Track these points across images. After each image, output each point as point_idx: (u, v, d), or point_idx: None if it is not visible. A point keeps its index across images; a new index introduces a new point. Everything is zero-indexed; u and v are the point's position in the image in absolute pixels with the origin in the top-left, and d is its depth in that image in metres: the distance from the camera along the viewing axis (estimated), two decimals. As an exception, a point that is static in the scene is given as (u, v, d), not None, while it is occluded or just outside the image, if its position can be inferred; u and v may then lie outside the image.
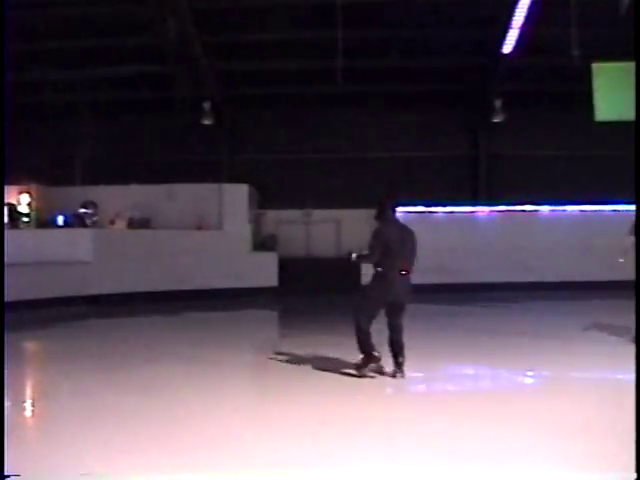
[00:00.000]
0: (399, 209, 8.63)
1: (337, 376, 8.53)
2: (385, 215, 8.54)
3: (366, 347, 8.32)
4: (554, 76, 20.23)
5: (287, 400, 7.54)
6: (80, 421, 6.72)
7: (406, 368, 8.31)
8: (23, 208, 19.39)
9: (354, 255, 8.59)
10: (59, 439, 6.09)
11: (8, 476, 4.49)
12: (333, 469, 5.25)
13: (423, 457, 5.51)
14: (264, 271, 20.14)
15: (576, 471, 5.10)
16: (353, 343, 8.27)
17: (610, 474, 4.93)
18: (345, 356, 9.14)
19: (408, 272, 8.37)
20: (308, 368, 9.09)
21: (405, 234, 8.49)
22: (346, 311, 8.94)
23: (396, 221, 8.57)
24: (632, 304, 7.69)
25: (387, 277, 8.28)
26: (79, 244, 17.42)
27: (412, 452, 5.63)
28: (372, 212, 8.58)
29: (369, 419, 6.77)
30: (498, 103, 21.35)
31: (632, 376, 7.11)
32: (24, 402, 7.90)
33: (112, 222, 19.08)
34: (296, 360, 9.62)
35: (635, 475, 4.24)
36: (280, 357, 9.85)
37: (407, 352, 8.34)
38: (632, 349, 9.21)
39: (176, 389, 8.16)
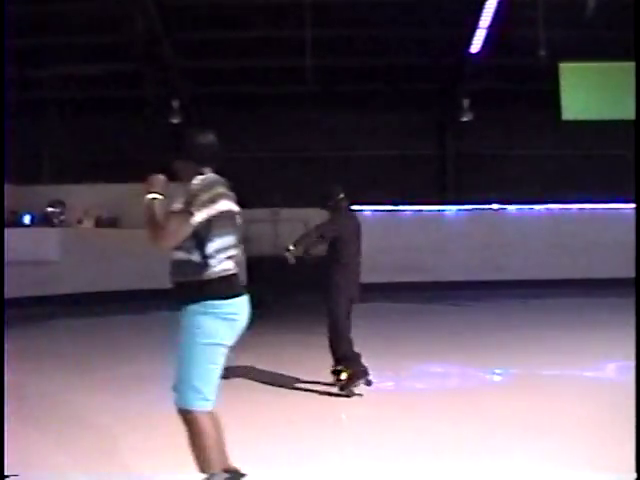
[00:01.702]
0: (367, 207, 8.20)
1: (308, 376, 8.53)
2: (337, 205, 7.98)
3: (347, 359, 7.74)
4: (521, 75, 20.36)
5: (256, 400, 7.54)
6: (52, 421, 6.69)
7: (373, 365, 8.12)
8: (-10, 207, 19.20)
9: (291, 248, 7.70)
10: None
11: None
12: (304, 468, 5.26)
13: (389, 455, 5.53)
14: (233, 270, 20.08)
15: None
16: (321, 342, 8.09)
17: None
18: (318, 355, 9.14)
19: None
20: (281, 367, 9.08)
21: (357, 228, 8.03)
22: (312, 309, 8.90)
23: (348, 213, 8.13)
24: (596, 301, 7.77)
25: (348, 270, 7.86)
26: (46, 243, 17.29)
27: (376, 451, 5.65)
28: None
29: (339, 418, 6.79)
30: (466, 102, 21.45)
31: (608, 374, 7.20)
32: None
33: (80, 221, 18.97)
34: (270, 359, 9.61)
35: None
36: (253, 356, 9.82)
37: (376, 351, 8.23)
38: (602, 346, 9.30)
39: (148, 389, 8.13)
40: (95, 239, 18.40)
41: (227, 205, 4.24)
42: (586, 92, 15.57)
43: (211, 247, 4.18)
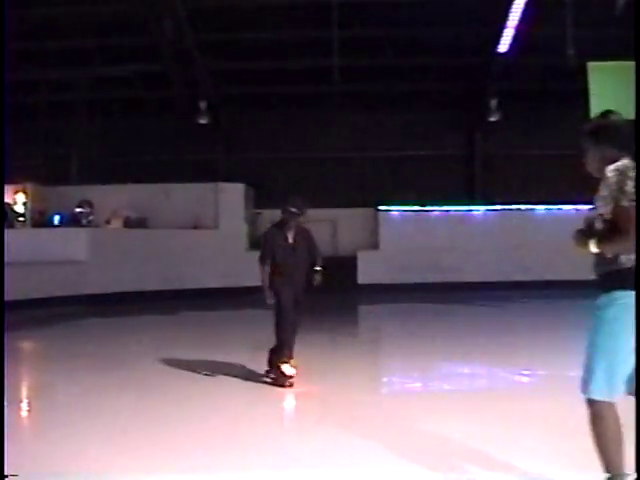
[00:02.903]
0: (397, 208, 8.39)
1: (334, 376, 8.52)
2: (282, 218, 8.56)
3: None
4: (549, 75, 20.23)
5: (280, 399, 7.54)
6: (78, 421, 6.72)
7: (401, 366, 8.17)
8: (19, 207, 19.36)
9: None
10: (57, 439, 6.08)
11: (7, 476, 4.48)
12: (329, 469, 5.26)
13: (418, 457, 5.51)
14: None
15: (576, 471, 5.09)
16: (349, 342, 8.12)
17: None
18: (342, 354, 9.15)
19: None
20: (304, 367, 9.07)
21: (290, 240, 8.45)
22: (342, 309, 8.89)
23: (284, 225, 8.57)
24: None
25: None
26: (75, 243, 17.40)
27: (406, 452, 5.63)
28: (366, 211, 8.38)
29: (362, 419, 6.77)
30: (494, 102, 21.33)
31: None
32: (21, 402, 7.90)
33: (108, 221, 19.09)
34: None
35: (635, 475, 4.23)
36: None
37: (404, 351, 8.23)
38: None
39: (172, 389, 8.16)
40: (123, 239, 18.51)
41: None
42: (615, 91, 15.35)
43: None
